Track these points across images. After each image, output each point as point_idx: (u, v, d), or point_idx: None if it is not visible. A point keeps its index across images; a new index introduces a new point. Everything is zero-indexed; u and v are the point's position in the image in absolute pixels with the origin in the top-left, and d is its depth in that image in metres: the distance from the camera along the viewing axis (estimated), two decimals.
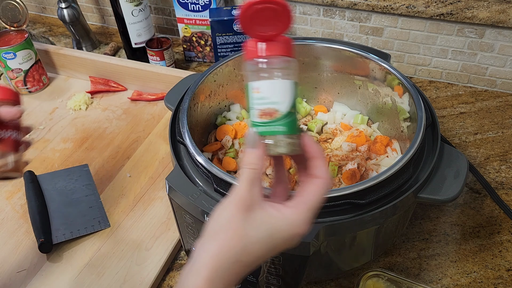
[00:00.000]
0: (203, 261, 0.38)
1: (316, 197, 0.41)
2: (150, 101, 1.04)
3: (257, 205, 0.40)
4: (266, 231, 0.39)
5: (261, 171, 0.41)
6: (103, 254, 0.73)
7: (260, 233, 0.39)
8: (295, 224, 0.40)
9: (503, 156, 0.87)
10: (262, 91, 0.41)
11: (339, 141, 0.75)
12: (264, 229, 0.39)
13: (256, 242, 0.39)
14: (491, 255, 0.71)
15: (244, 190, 0.40)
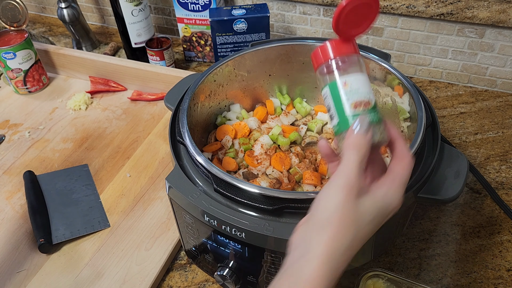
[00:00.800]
0: (317, 250, 0.39)
1: (406, 174, 0.43)
2: (150, 101, 1.04)
3: (365, 189, 0.41)
4: (373, 213, 0.41)
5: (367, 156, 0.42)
6: (103, 254, 0.73)
7: (368, 217, 0.40)
8: (394, 200, 0.42)
9: (503, 156, 0.87)
10: (350, 84, 0.43)
11: None
12: (372, 212, 0.41)
13: (365, 226, 0.40)
14: (491, 255, 0.71)
15: (354, 175, 0.40)
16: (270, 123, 0.80)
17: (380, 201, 0.42)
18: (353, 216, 0.40)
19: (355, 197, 0.40)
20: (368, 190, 0.42)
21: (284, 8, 1.09)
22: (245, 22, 1.00)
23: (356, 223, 0.40)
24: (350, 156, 0.41)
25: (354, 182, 0.40)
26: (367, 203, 0.41)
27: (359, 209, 0.40)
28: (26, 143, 0.95)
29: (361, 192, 0.41)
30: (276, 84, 0.84)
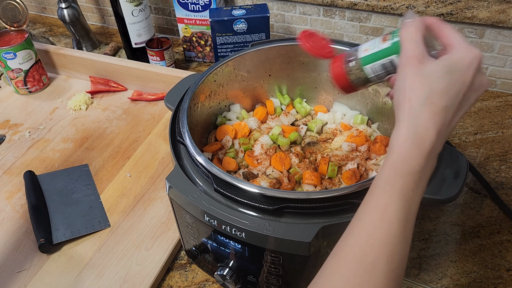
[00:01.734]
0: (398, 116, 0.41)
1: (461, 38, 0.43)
2: (150, 101, 1.04)
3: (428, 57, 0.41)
4: (444, 69, 0.40)
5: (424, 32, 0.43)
6: (103, 254, 0.73)
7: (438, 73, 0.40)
8: (465, 53, 0.41)
9: (503, 156, 0.87)
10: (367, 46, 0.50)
11: (339, 141, 0.75)
12: (441, 68, 0.40)
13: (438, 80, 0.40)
14: (491, 255, 0.71)
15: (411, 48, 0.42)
16: (270, 123, 0.80)
17: (446, 59, 0.41)
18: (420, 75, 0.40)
19: (419, 63, 0.41)
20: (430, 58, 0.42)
21: (284, 8, 1.09)
22: (245, 22, 1.00)
23: (424, 79, 0.40)
24: (404, 37, 0.43)
25: (412, 50, 0.41)
26: (432, 64, 0.41)
27: (426, 69, 0.40)
28: (26, 143, 0.95)
29: (423, 60, 0.41)
30: (276, 84, 0.84)
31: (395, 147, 0.40)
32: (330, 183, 0.69)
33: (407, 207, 0.38)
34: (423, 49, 0.42)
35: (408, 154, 0.39)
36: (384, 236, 0.37)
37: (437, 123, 0.39)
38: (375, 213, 0.39)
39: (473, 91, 0.41)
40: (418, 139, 0.39)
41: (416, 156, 0.39)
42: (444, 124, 0.40)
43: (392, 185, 0.39)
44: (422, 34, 0.42)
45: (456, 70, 0.41)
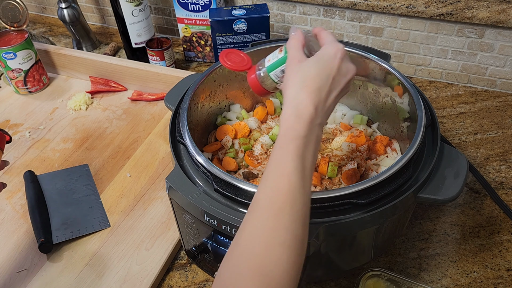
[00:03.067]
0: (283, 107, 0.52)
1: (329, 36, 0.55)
2: (150, 101, 1.04)
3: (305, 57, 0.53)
4: (313, 60, 0.52)
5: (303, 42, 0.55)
6: (103, 254, 0.73)
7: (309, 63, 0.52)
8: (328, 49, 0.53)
9: (503, 156, 0.87)
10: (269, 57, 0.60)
11: (339, 141, 0.75)
12: (311, 61, 0.52)
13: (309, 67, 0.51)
14: (491, 255, 0.71)
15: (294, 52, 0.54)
16: (270, 123, 0.80)
17: (317, 54, 0.53)
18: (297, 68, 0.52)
19: (298, 62, 0.52)
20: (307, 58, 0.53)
21: (284, 8, 1.09)
22: (245, 22, 1.00)
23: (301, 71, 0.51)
24: (288, 46, 0.55)
25: (295, 55, 0.53)
26: (307, 60, 0.52)
27: (302, 64, 0.52)
28: (26, 143, 0.95)
29: (301, 59, 0.53)
30: None
31: (283, 122, 0.50)
32: (330, 183, 0.69)
33: (301, 163, 0.47)
34: (301, 53, 0.54)
35: (293, 125, 0.49)
36: (286, 187, 0.46)
37: (313, 99, 0.49)
38: (277, 170, 0.47)
39: (341, 75, 0.52)
40: (299, 112, 0.49)
41: (299, 125, 0.48)
42: (320, 101, 0.50)
43: (286, 148, 0.48)
44: (302, 43, 0.55)
45: (324, 60, 0.52)
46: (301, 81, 0.51)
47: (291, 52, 0.54)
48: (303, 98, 0.49)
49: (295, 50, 0.54)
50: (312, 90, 0.50)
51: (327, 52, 0.52)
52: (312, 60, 0.52)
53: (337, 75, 0.52)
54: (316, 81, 0.50)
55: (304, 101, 0.49)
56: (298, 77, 0.51)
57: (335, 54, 0.52)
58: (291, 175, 0.46)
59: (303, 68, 0.52)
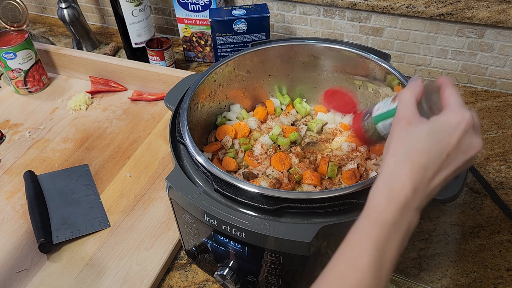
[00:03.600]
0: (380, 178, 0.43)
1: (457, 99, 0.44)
2: (150, 101, 1.04)
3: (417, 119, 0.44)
4: (426, 130, 0.43)
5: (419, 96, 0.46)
6: (103, 254, 0.73)
7: (421, 133, 0.43)
8: (451, 116, 0.43)
9: (503, 156, 0.87)
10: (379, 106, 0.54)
11: (339, 141, 0.75)
12: (424, 130, 0.43)
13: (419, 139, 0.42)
14: (491, 255, 0.71)
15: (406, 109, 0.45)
16: (270, 123, 0.80)
17: (434, 121, 0.43)
18: (404, 134, 0.43)
19: (405, 124, 0.44)
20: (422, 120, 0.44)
21: (284, 8, 1.09)
22: (245, 22, 1.00)
23: (408, 138, 0.43)
24: (400, 99, 0.46)
25: (402, 113, 0.45)
26: (420, 125, 0.43)
27: (412, 129, 0.43)
28: (26, 143, 0.95)
29: (412, 121, 0.44)
30: (276, 84, 0.84)
31: (371, 199, 0.42)
32: (330, 183, 0.69)
33: (381, 256, 0.40)
34: (413, 111, 0.44)
35: (382, 206, 0.41)
36: (356, 284, 0.39)
37: (415, 180, 0.41)
38: (349, 260, 0.40)
39: (460, 152, 0.43)
40: (392, 193, 0.41)
41: (389, 208, 0.41)
42: (423, 182, 0.41)
43: (366, 234, 0.41)
44: (417, 97, 0.46)
45: (441, 131, 0.42)
46: (405, 153, 0.42)
47: (401, 108, 0.45)
48: (402, 175, 0.41)
49: (406, 107, 0.45)
50: (416, 167, 0.41)
51: (448, 121, 0.42)
52: (425, 128, 0.43)
53: (454, 151, 0.42)
54: (423, 157, 0.41)
55: (402, 179, 0.41)
56: (402, 146, 0.42)
57: (458, 125, 0.42)
58: (365, 269, 0.39)
59: (411, 135, 0.43)
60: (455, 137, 0.42)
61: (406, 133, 0.43)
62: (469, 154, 0.43)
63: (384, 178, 0.42)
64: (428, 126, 0.43)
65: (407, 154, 0.42)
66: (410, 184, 0.41)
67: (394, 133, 0.44)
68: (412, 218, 0.42)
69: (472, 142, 0.43)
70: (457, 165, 0.43)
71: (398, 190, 0.41)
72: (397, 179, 0.41)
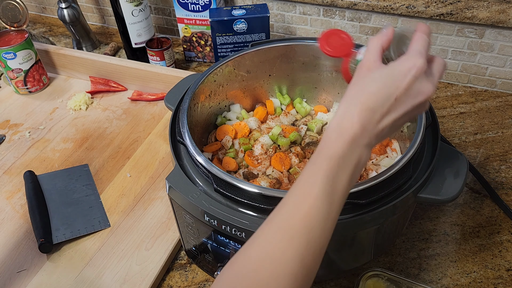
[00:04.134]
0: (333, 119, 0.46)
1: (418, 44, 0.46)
2: (150, 101, 1.04)
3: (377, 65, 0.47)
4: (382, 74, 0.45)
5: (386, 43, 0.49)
6: (103, 254, 0.73)
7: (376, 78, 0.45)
8: (405, 61, 0.45)
9: (503, 156, 0.87)
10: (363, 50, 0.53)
11: None
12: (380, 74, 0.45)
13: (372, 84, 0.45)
14: (491, 255, 0.71)
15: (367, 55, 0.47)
16: (270, 123, 0.80)
17: (389, 66, 0.46)
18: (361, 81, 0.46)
19: (366, 70, 0.47)
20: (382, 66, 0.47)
21: (284, 8, 1.09)
22: (245, 22, 1.00)
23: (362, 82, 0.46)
24: (371, 42, 0.49)
25: (366, 60, 0.47)
26: (377, 71, 0.46)
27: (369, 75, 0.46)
28: (26, 143, 0.95)
29: (371, 67, 0.46)
30: (276, 84, 0.84)
31: (324, 136, 0.45)
32: None
33: (332, 186, 0.42)
34: (375, 58, 0.47)
35: (332, 141, 0.44)
36: (307, 210, 0.41)
37: (363, 119, 0.44)
38: (303, 189, 0.43)
39: (409, 97, 0.45)
40: (342, 129, 0.44)
41: (339, 143, 0.43)
42: (371, 122, 0.44)
43: (318, 166, 0.43)
44: (382, 45, 0.48)
45: (392, 76, 0.45)
46: (356, 95, 0.45)
47: (366, 55, 0.48)
48: (352, 114, 0.44)
49: (369, 53, 0.48)
50: (364, 108, 0.44)
51: (400, 67, 0.45)
52: (380, 72, 0.45)
53: (403, 95, 0.44)
54: (372, 99, 0.44)
55: (351, 118, 0.44)
56: (356, 88, 0.45)
57: (408, 71, 0.44)
58: (317, 197, 0.42)
59: (366, 79, 0.45)
60: (405, 82, 0.44)
61: (363, 77, 0.46)
62: (418, 99, 0.45)
63: (336, 117, 0.45)
64: (383, 71, 0.45)
65: (357, 95, 0.45)
66: (359, 122, 0.43)
67: (354, 77, 0.47)
68: (361, 153, 0.44)
69: (422, 87, 0.45)
70: (406, 109, 0.45)
71: (347, 127, 0.43)
72: (347, 117, 0.44)
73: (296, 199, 0.43)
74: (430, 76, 0.46)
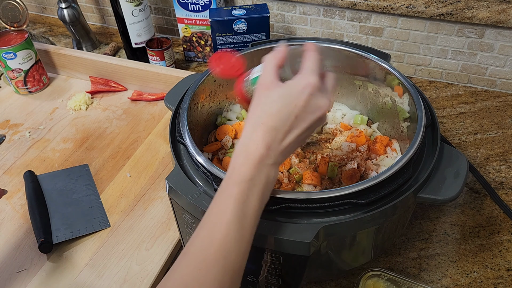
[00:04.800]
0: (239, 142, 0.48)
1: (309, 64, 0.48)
2: (150, 101, 1.04)
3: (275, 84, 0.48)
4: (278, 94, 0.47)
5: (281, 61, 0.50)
6: (103, 254, 0.73)
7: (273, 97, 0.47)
8: (301, 80, 0.47)
9: (503, 156, 0.87)
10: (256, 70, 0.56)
11: (339, 141, 0.75)
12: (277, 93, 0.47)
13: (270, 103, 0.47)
14: (491, 255, 0.71)
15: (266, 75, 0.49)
16: None
17: (286, 85, 0.47)
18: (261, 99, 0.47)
19: (265, 90, 0.48)
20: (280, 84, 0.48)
21: (284, 8, 1.09)
22: (245, 22, 1.00)
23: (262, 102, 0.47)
24: (266, 60, 0.50)
25: (263, 79, 0.48)
26: (275, 90, 0.47)
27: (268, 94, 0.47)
28: (26, 143, 0.95)
29: (270, 87, 0.48)
30: None
31: (232, 161, 0.46)
32: (330, 183, 0.69)
33: (243, 211, 0.44)
34: (272, 76, 0.48)
35: (240, 166, 0.45)
36: (222, 237, 0.43)
37: (266, 139, 0.45)
38: (215, 217, 0.44)
39: (308, 113, 0.47)
40: (247, 152, 0.45)
41: (246, 166, 0.45)
42: (275, 141, 0.46)
43: (228, 192, 0.44)
44: (278, 62, 0.49)
45: (289, 95, 0.47)
46: (259, 117, 0.46)
47: (262, 74, 0.49)
48: (256, 137, 0.45)
49: (266, 72, 0.49)
50: (267, 129, 0.46)
51: (296, 86, 0.47)
52: (278, 92, 0.47)
53: (302, 112, 0.47)
54: (274, 119, 0.46)
55: (255, 140, 0.45)
56: (258, 110, 0.47)
57: (303, 89, 0.47)
58: (229, 223, 0.43)
59: (266, 100, 0.47)
60: (302, 100, 0.46)
61: (262, 97, 0.47)
62: (317, 114, 0.47)
63: (242, 141, 0.46)
64: (281, 90, 0.47)
65: (260, 117, 0.46)
66: (263, 143, 0.45)
67: (254, 98, 0.48)
68: (269, 172, 0.46)
69: (318, 103, 0.47)
70: (307, 125, 0.47)
71: (253, 149, 0.45)
72: (252, 140, 0.46)
73: (209, 228, 0.44)
74: (324, 92, 0.48)
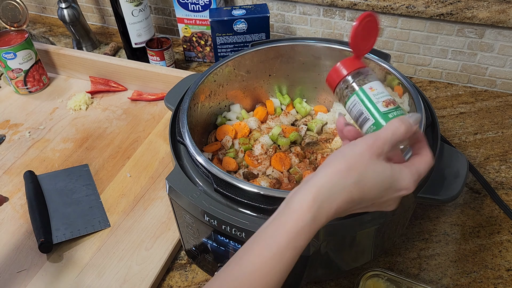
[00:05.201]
0: (316, 179, 0.42)
1: (423, 168, 0.45)
2: (150, 101, 1.04)
3: (386, 157, 0.43)
4: (382, 176, 0.43)
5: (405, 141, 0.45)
6: (103, 254, 0.73)
7: (376, 177, 0.42)
8: (405, 180, 0.44)
9: (503, 156, 0.87)
10: (376, 88, 0.49)
11: (339, 141, 0.75)
12: (380, 174, 0.43)
13: (369, 182, 0.42)
14: (491, 255, 0.71)
15: (385, 138, 0.43)
16: (270, 123, 0.80)
17: (393, 170, 0.43)
18: (363, 167, 0.42)
19: (375, 155, 0.42)
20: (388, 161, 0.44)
21: (284, 8, 1.09)
22: (245, 22, 1.00)
23: (363, 173, 0.42)
24: (394, 125, 0.44)
25: (381, 144, 0.43)
26: (381, 165, 0.43)
27: (371, 165, 0.42)
28: (26, 143, 0.95)
29: (381, 156, 0.43)
30: (276, 84, 0.84)
31: (298, 210, 0.42)
32: None
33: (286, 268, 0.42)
34: (387, 149, 0.43)
35: (304, 229, 0.41)
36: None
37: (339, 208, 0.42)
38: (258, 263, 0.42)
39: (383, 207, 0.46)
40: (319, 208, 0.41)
41: (309, 233, 0.42)
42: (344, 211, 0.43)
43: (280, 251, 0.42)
44: (403, 138, 0.44)
45: (387, 186, 0.43)
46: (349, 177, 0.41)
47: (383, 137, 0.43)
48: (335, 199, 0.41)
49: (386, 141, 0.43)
50: (351, 199, 0.42)
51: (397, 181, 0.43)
52: (383, 174, 0.42)
53: (381, 204, 0.45)
54: (358, 195, 0.42)
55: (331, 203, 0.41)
56: (354, 175, 0.42)
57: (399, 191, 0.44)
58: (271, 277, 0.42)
59: (366, 169, 0.42)
60: (391, 199, 0.44)
61: (366, 162, 0.42)
62: (382, 208, 0.46)
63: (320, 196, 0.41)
64: (386, 173, 0.43)
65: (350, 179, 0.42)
66: (335, 209, 0.42)
67: (358, 152, 0.43)
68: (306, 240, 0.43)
69: (390, 205, 0.46)
70: (373, 209, 0.46)
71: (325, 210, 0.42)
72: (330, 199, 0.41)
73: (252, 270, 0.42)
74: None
